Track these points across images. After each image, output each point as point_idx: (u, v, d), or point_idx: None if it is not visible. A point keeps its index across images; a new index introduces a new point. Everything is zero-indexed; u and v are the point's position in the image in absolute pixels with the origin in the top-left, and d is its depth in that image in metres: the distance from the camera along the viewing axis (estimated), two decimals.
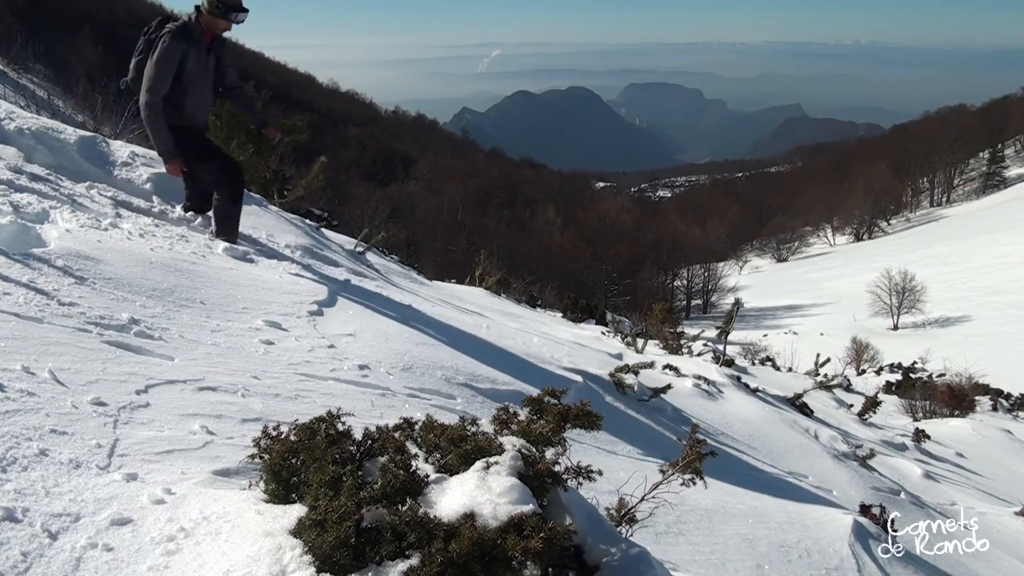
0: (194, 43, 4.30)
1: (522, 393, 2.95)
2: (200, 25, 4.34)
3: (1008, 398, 13.52)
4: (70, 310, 2.47)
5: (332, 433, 1.56)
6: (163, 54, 4.19)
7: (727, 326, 8.59)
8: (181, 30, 4.27)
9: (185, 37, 4.26)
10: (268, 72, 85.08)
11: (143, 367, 2.26)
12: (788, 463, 4.30)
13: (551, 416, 1.80)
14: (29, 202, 3.57)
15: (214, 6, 4.27)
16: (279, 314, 3.25)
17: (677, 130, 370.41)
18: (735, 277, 62.03)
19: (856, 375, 19.43)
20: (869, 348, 23.85)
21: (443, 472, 1.54)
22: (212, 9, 4.28)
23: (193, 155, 4.45)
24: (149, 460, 1.75)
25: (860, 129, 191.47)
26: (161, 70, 4.19)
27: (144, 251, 3.48)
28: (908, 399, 12.07)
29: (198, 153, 4.47)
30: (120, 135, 7.20)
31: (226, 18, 4.34)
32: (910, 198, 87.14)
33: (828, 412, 7.72)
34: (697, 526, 2.62)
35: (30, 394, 1.85)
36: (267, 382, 2.46)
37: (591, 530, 1.49)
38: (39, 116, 5.61)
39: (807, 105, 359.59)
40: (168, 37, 4.20)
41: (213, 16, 4.31)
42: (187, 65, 4.30)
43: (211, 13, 4.30)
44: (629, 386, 4.06)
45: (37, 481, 1.52)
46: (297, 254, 4.93)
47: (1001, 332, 32.18)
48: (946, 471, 6.74)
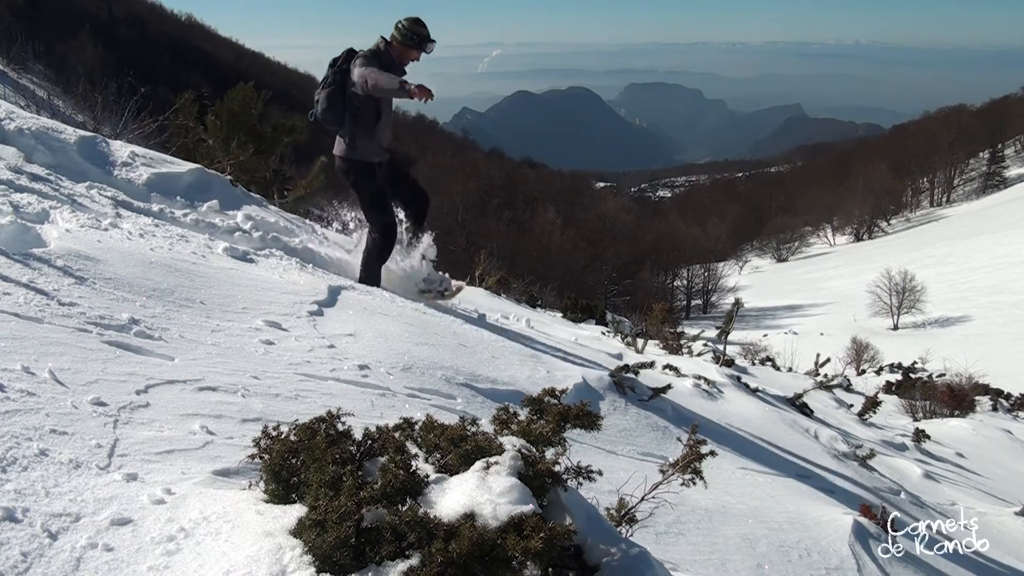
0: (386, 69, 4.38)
1: (522, 393, 2.95)
2: (390, 54, 4.45)
3: (1008, 398, 13.51)
4: (70, 310, 2.47)
5: (332, 433, 1.56)
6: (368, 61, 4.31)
7: (727, 326, 8.58)
8: (374, 55, 4.39)
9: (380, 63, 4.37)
10: (268, 72, 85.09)
11: (143, 367, 2.26)
12: (788, 463, 4.30)
13: (551, 416, 1.80)
14: (29, 202, 3.57)
15: (407, 37, 4.41)
16: (279, 314, 3.25)
17: (677, 130, 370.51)
18: (735, 277, 62.06)
19: (856, 375, 19.42)
20: (869, 348, 23.85)
21: (443, 472, 1.54)
22: (406, 40, 4.41)
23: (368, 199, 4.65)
24: (149, 460, 1.75)
25: (860, 129, 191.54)
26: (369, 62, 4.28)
27: (144, 251, 3.48)
28: (908, 399, 12.06)
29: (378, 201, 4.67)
30: (120, 135, 7.20)
31: (419, 48, 4.46)
32: (910, 198, 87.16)
33: (828, 412, 7.72)
34: (697, 526, 2.62)
35: (30, 394, 1.85)
36: (267, 382, 2.46)
37: (591, 530, 1.49)
38: (39, 116, 5.61)
39: (807, 105, 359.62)
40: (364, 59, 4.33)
41: (406, 47, 4.43)
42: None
43: (404, 44, 4.42)
44: (629, 386, 4.06)
45: (37, 481, 1.52)
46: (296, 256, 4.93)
47: (1001, 332, 32.19)
48: (946, 471, 6.74)
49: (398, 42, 4.45)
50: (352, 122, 4.50)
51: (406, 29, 4.43)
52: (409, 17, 4.48)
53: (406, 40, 4.43)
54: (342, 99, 4.46)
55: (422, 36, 4.44)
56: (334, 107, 4.45)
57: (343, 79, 4.41)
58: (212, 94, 10.78)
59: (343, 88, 4.43)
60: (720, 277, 60.49)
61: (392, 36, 4.47)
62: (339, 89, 4.43)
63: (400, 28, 4.44)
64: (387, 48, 4.46)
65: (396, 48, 4.47)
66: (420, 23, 4.47)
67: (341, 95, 4.45)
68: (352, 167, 4.61)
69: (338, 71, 4.44)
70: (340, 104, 4.47)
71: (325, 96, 4.48)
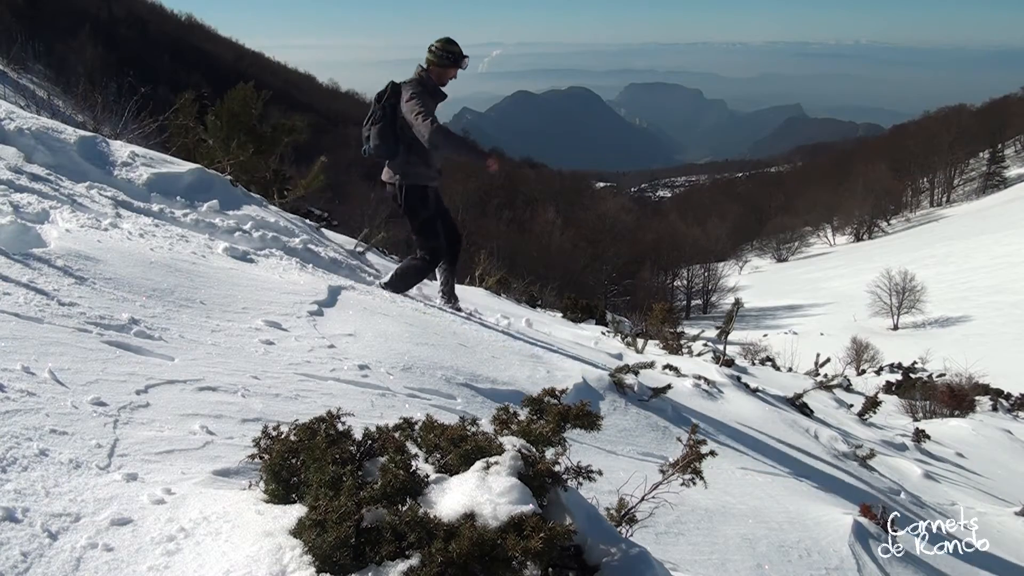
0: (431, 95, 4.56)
1: (522, 393, 2.95)
2: (432, 79, 4.59)
3: (1008, 398, 13.52)
4: (70, 310, 2.47)
5: (332, 433, 1.56)
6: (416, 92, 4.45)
7: (727, 326, 8.58)
8: (422, 85, 4.53)
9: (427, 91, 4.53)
10: (268, 72, 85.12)
11: (143, 367, 2.25)
12: (788, 463, 4.30)
13: (551, 416, 1.80)
14: (29, 202, 3.57)
15: (443, 58, 4.58)
16: (279, 314, 3.25)
17: (677, 130, 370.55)
18: (735, 277, 62.09)
19: (856, 375, 19.43)
20: (869, 348, 23.87)
21: (443, 472, 1.54)
22: (442, 61, 4.57)
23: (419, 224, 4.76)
24: (149, 460, 1.75)
25: (860, 129, 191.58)
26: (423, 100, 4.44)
27: (144, 251, 3.48)
28: (908, 399, 12.06)
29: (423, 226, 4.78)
30: (120, 135, 7.20)
31: (456, 66, 4.61)
32: (910, 198, 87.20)
33: (828, 412, 7.72)
34: (697, 526, 2.62)
35: (30, 394, 1.85)
36: (267, 382, 2.46)
37: (591, 530, 1.49)
38: (39, 116, 5.61)
39: (807, 105, 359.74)
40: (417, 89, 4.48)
41: (443, 67, 4.59)
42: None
43: (441, 65, 4.58)
44: (629, 386, 4.06)
45: (37, 481, 1.52)
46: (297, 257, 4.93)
47: (1001, 332, 32.21)
48: (946, 471, 6.74)
49: (435, 64, 4.62)
50: (407, 151, 4.64)
51: (440, 50, 4.59)
52: (440, 38, 4.65)
53: (442, 61, 4.59)
54: (393, 132, 4.60)
55: (456, 54, 4.60)
56: (387, 141, 4.59)
57: (392, 112, 4.56)
58: (212, 94, 10.78)
59: (393, 121, 4.58)
60: (720, 277, 60.52)
61: (428, 60, 4.63)
62: (389, 123, 4.58)
63: (434, 51, 4.60)
64: (427, 74, 4.62)
65: (435, 71, 4.63)
66: (452, 42, 4.63)
67: (392, 129, 4.59)
68: (408, 192, 4.74)
69: (385, 105, 4.59)
70: (392, 137, 4.60)
71: (377, 132, 4.62)
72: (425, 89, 4.54)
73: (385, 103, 4.57)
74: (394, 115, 4.55)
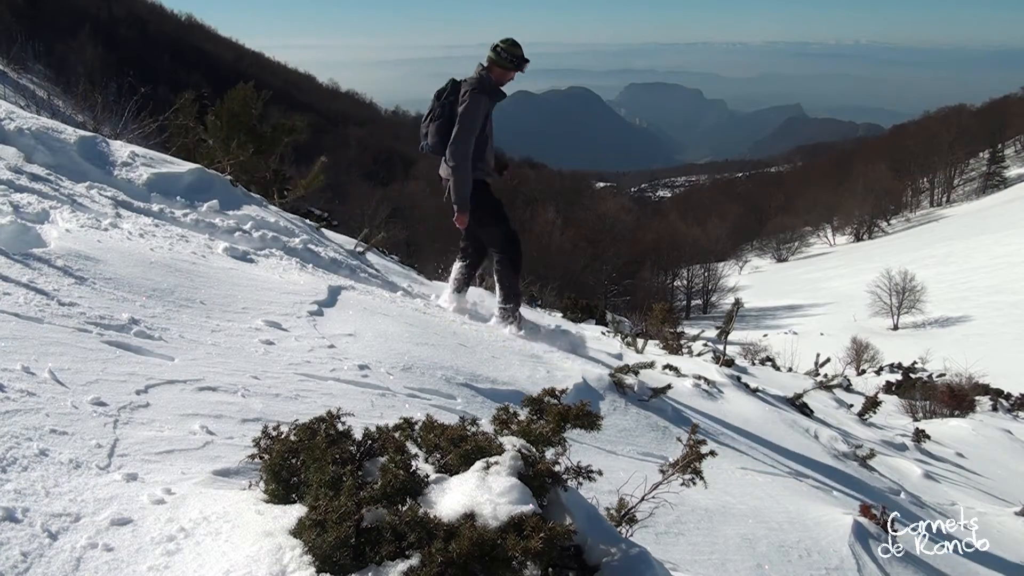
0: (489, 95, 4.62)
1: (522, 393, 2.95)
2: (491, 78, 4.65)
3: (1008, 398, 13.51)
4: (70, 310, 2.47)
5: (332, 433, 1.56)
6: (473, 107, 4.53)
7: (727, 326, 8.58)
8: (480, 85, 4.58)
9: (484, 91, 4.58)
10: (268, 72, 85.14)
11: (143, 367, 2.25)
12: (788, 463, 4.30)
13: (551, 416, 1.80)
14: (29, 202, 3.56)
15: (506, 59, 4.63)
16: (279, 314, 3.25)
17: (677, 130, 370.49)
18: (735, 277, 62.09)
19: (856, 375, 19.42)
20: (869, 348, 23.86)
21: (443, 472, 1.54)
22: (504, 62, 4.64)
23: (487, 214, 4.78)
24: (149, 460, 1.75)
25: (860, 129, 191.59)
26: (474, 121, 4.53)
27: (144, 251, 3.48)
28: (908, 399, 12.06)
29: (494, 214, 4.80)
30: (120, 135, 7.20)
31: (518, 69, 4.67)
32: (910, 198, 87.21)
33: (828, 412, 7.72)
34: (697, 526, 2.62)
35: (30, 394, 1.85)
36: (267, 382, 2.46)
37: (591, 530, 1.49)
38: (39, 116, 5.61)
39: (807, 105, 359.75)
40: (473, 93, 4.53)
41: (505, 69, 4.66)
42: (488, 118, 4.67)
43: (503, 66, 4.65)
44: (629, 386, 4.06)
45: (37, 481, 1.52)
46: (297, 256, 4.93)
47: (1001, 332, 32.22)
48: (946, 471, 6.74)
49: (496, 65, 4.67)
50: None
51: (505, 51, 4.65)
52: (506, 39, 4.69)
53: (504, 63, 4.65)
54: (451, 130, 4.64)
55: (519, 58, 4.66)
56: (445, 138, 4.65)
57: (451, 110, 4.63)
58: (212, 94, 10.79)
59: (451, 119, 4.63)
60: (720, 277, 60.51)
61: (490, 59, 4.69)
62: (447, 120, 4.64)
63: (498, 51, 4.66)
64: (488, 73, 4.68)
65: (496, 71, 4.68)
66: (516, 44, 4.69)
67: (450, 126, 4.64)
68: None
69: (444, 102, 4.65)
70: (450, 134, 4.65)
71: (435, 129, 4.69)
72: (483, 89, 4.59)
73: (444, 100, 4.65)
74: (452, 113, 4.62)
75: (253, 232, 4.86)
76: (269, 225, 5.26)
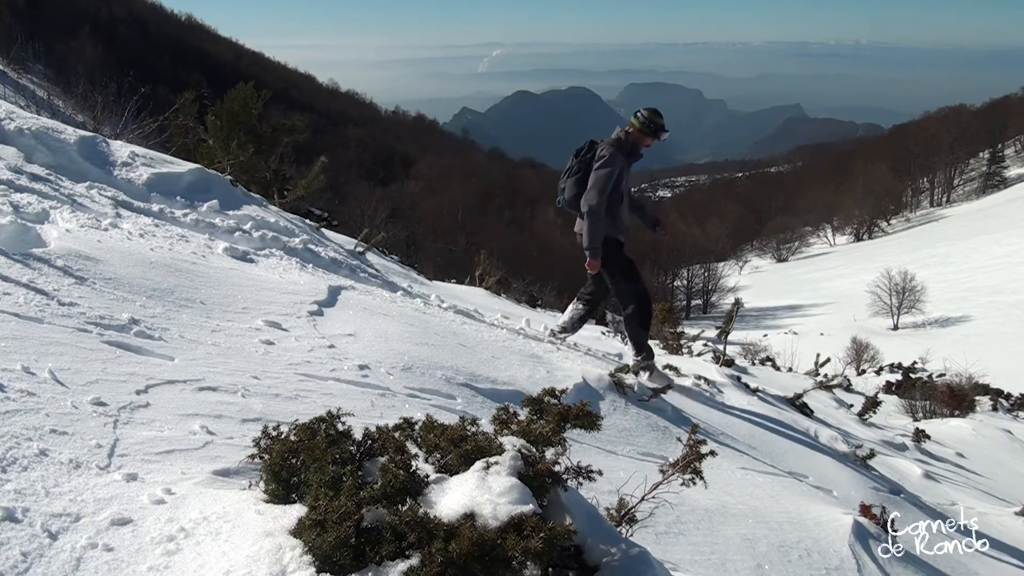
0: (625, 155, 4.79)
1: (522, 393, 2.95)
2: (629, 141, 4.85)
3: (1008, 398, 13.50)
4: (70, 310, 2.47)
5: (332, 433, 1.56)
6: (609, 162, 4.70)
7: (727, 326, 8.58)
8: (617, 146, 4.76)
9: (621, 150, 4.77)
10: (268, 72, 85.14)
11: (143, 367, 2.25)
12: (788, 463, 4.30)
13: (551, 416, 1.80)
14: (29, 202, 3.57)
15: (646, 126, 4.82)
16: (279, 314, 3.25)
17: (677, 130, 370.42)
18: (735, 277, 62.06)
19: (856, 375, 19.41)
20: (869, 348, 23.84)
21: (443, 472, 1.54)
22: (644, 129, 4.82)
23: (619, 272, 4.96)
24: (149, 460, 1.75)
25: (860, 129, 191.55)
26: (608, 175, 4.72)
27: (144, 251, 3.48)
28: (908, 399, 12.06)
29: (624, 272, 4.98)
30: (120, 135, 7.20)
31: (655, 137, 4.87)
32: (910, 198, 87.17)
33: (828, 412, 7.72)
34: (697, 526, 2.62)
35: (30, 394, 1.85)
36: (267, 382, 2.46)
37: (591, 530, 1.49)
38: (39, 116, 5.61)
39: (807, 105, 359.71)
40: (610, 151, 4.73)
41: (644, 135, 4.84)
42: (623, 177, 4.83)
43: (642, 132, 4.83)
44: (629, 386, 4.06)
45: (37, 481, 1.52)
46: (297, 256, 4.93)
47: (1001, 332, 32.21)
48: (946, 471, 6.74)
49: (636, 130, 4.84)
50: None
51: (646, 119, 4.82)
52: (649, 108, 4.88)
53: (644, 129, 4.83)
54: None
55: (658, 126, 4.85)
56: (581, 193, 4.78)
57: (588, 168, 4.80)
58: (212, 94, 10.80)
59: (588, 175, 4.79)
60: (720, 277, 60.48)
61: (631, 123, 4.88)
62: (584, 176, 4.81)
63: (640, 118, 4.84)
64: (627, 136, 4.86)
65: (635, 135, 4.86)
66: (658, 114, 4.88)
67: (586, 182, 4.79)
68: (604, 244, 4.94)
69: (583, 160, 4.84)
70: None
71: (572, 184, 4.86)
72: (620, 151, 4.78)
73: (583, 158, 4.84)
74: (589, 169, 4.79)
75: (253, 232, 4.86)
76: (269, 225, 5.26)
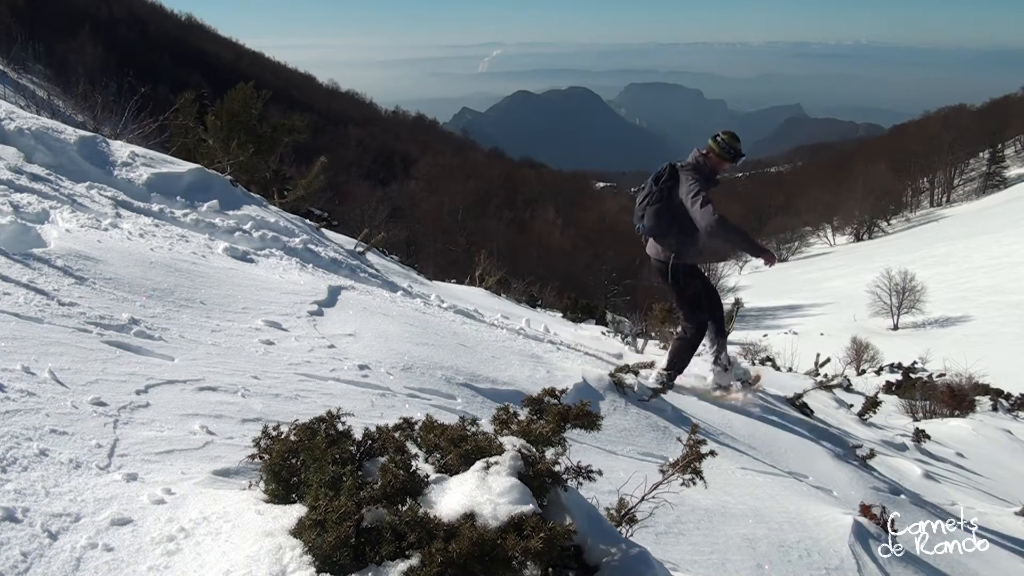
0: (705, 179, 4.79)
1: (522, 393, 2.94)
2: (708, 164, 4.85)
3: (1008, 398, 13.50)
4: (70, 310, 2.47)
5: (332, 433, 1.56)
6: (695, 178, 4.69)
7: (727, 326, 8.57)
8: (697, 168, 4.80)
9: (701, 173, 4.81)
10: (268, 72, 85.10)
11: (143, 367, 2.25)
12: (788, 463, 4.30)
13: (551, 416, 1.80)
14: (29, 202, 3.57)
15: (725, 150, 4.82)
16: (279, 314, 3.25)
17: (677, 130, 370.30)
18: (735, 277, 62.00)
19: (856, 375, 19.41)
20: (869, 348, 23.84)
21: (443, 472, 1.54)
22: (723, 153, 4.82)
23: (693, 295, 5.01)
24: (149, 460, 1.75)
25: (860, 129, 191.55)
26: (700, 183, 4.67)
27: (144, 251, 3.48)
28: (908, 399, 12.05)
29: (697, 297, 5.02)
30: (120, 135, 7.20)
31: (732, 161, 4.88)
32: (910, 198, 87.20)
33: (828, 412, 7.71)
34: (697, 526, 2.62)
35: (30, 394, 1.85)
36: (267, 382, 2.46)
37: (591, 530, 1.49)
38: (39, 116, 5.61)
39: (807, 105, 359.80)
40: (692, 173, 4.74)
41: (722, 159, 4.85)
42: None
43: (720, 156, 4.83)
44: (629, 386, 4.06)
45: (37, 481, 1.52)
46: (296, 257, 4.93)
47: (1001, 332, 32.21)
48: (946, 471, 6.74)
49: (715, 153, 4.84)
50: (679, 232, 4.85)
51: (724, 143, 4.82)
52: (727, 131, 4.89)
53: (723, 153, 4.83)
54: (668, 212, 4.81)
55: (736, 151, 4.86)
56: (661, 221, 4.84)
57: (668, 194, 4.79)
58: (212, 94, 10.80)
59: (668, 203, 4.81)
60: (720, 277, 60.43)
61: (709, 147, 4.86)
62: (665, 204, 4.80)
63: (719, 141, 4.84)
64: (705, 160, 4.85)
65: (713, 159, 4.85)
66: (736, 138, 4.89)
67: (667, 210, 4.81)
68: (678, 270, 4.97)
69: (663, 187, 4.82)
70: (667, 217, 4.82)
71: (653, 213, 4.86)
72: (701, 174, 4.76)
73: (663, 185, 4.83)
74: (670, 196, 4.78)
75: (253, 232, 4.86)
76: (269, 225, 5.26)
